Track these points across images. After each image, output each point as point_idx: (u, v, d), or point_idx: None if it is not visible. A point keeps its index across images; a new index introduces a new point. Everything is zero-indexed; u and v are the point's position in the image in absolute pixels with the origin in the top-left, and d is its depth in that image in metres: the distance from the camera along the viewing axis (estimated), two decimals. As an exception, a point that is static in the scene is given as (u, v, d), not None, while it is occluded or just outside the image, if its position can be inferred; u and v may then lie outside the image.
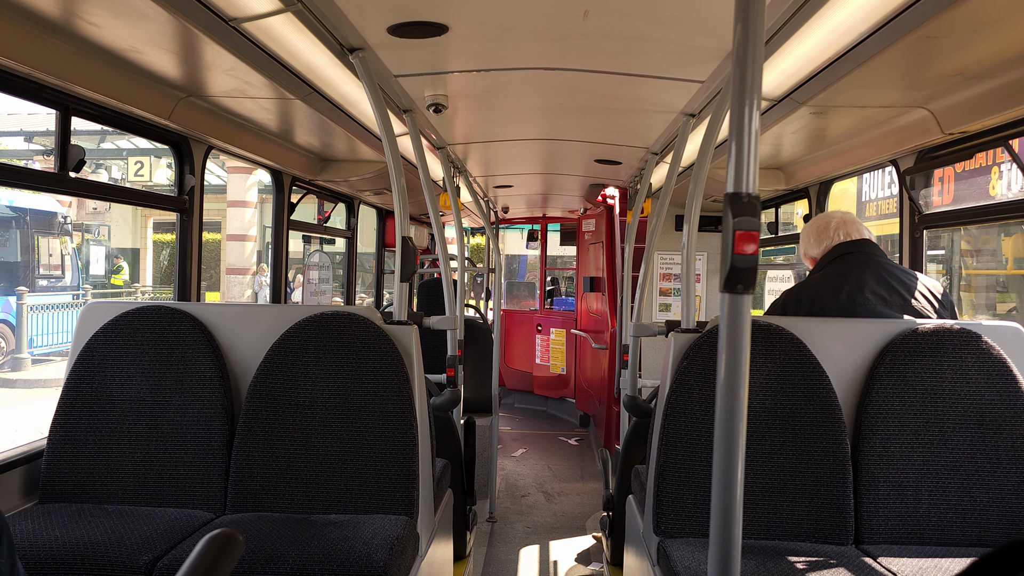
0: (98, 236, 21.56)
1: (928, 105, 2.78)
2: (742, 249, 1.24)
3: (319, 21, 2.26)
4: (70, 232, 16.53)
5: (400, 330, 2.66)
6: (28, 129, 20.11)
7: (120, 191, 5.15)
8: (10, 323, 14.04)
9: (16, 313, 13.89)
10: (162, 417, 2.57)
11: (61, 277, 15.90)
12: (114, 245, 23.50)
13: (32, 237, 14.78)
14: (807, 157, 4.01)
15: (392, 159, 2.75)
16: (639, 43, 2.48)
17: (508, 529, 5.33)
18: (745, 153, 1.26)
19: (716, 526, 1.32)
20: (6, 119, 21.83)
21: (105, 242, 21.79)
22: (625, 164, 4.95)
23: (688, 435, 2.42)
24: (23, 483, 2.52)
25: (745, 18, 1.28)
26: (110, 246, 22.28)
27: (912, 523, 2.35)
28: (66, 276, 16.06)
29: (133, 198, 3.42)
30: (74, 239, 17.12)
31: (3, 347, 13.96)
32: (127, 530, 2.21)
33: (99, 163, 21.22)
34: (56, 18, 2.12)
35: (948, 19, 1.90)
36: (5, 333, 14.04)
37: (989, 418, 2.36)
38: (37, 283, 14.92)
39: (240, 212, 21.04)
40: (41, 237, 15.10)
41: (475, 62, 2.76)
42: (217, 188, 22.26)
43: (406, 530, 2.36)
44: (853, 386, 2.49)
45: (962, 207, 3.38)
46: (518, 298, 11.10)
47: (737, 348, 1.28)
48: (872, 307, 2.65)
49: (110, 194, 3.17)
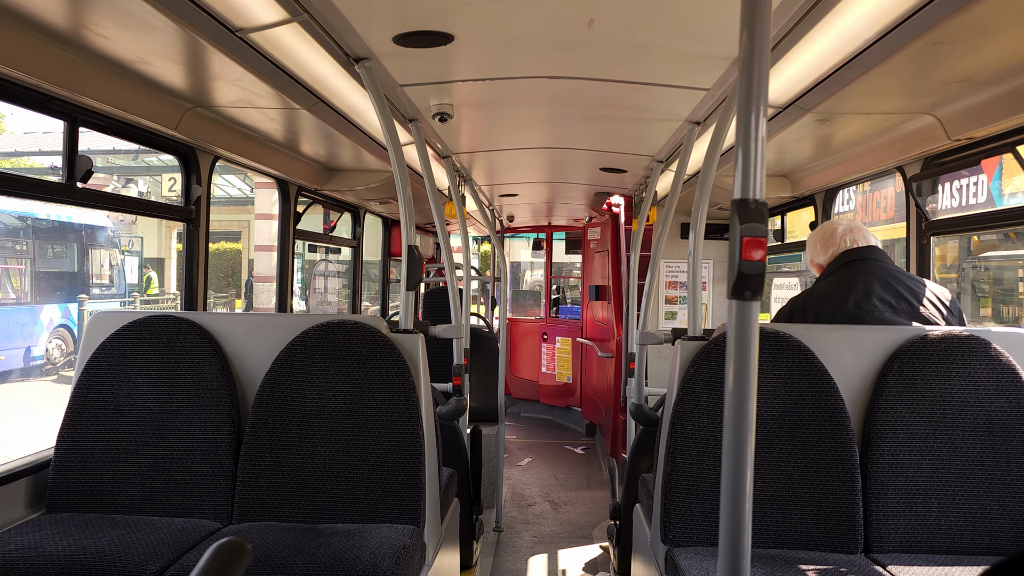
0: (132, 247, 22.27)
1: (934, 111, 2.78)
2: (750, 255, 1.23)
3: (325, 31, 2.26)
4: (118, 244, 18.23)
5: (406, 339, 2.66)
6: (47, 148, 20.88)
7: (128, 201, 5.16)
8: (70, 327, 15.56)
9: (76, 318, 15.47)
10: (169, 426, 2.57)
11: (110, 286, 17.72)
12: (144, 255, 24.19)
13: (87, 250, 16.51)
14: (813, 164, 4.00)
15: (398, 168, 2.76)
16: (644, 51, 2.48)
17: (515, 538, 5.31)
18: (752, 160, 1.26)
19: (725, 535, 1.32)
20: (23, 138, 22.28)
21: (138, 253, 22.58)
22: (630, 172, 4.95)
23: (695, 443, 2.41)
24: (30, 493, 2.52)
25: (751, 25, 1.28)
26: (143, 256, 23.05)
27: (922, 531, 2.34)
28: (114, 285, 17.90)
29: (141, 208, 3.44)
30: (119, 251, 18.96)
31: (64, 348, 15.46)
32: (134, 540, 2.21)
33: (129, 179, 21.99)
34: (64, 30, 2.13)
35: (954, 25, 1.90)
36: (66, 336, 15.54)
37: (999, 425, 2.34)
38: (91, 291, 16.53)
39: (267, 224, 21.77)
40: (93, 249, 16.81)
41: (480, 71, 2.77)
42: (239, 200, 23.22)
43: (413, 539, 2.36)
44: (861, 393, 2.48)
45: (969, 214, 3.36)
46: (524, 307, 11.10)
47: (745, 355, 1.28)
48: (880, 314, 2.64)
49: (118, 204, 3.18)
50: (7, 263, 14.40)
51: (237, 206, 23.92)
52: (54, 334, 15.12)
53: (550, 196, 6.78)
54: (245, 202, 23.86)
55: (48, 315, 15.15)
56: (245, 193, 23.35)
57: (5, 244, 14.36)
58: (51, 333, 15.08)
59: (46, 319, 15.06)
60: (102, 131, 2.76)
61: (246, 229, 24.02)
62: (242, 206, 23.73)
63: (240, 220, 24.06)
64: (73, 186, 2.61)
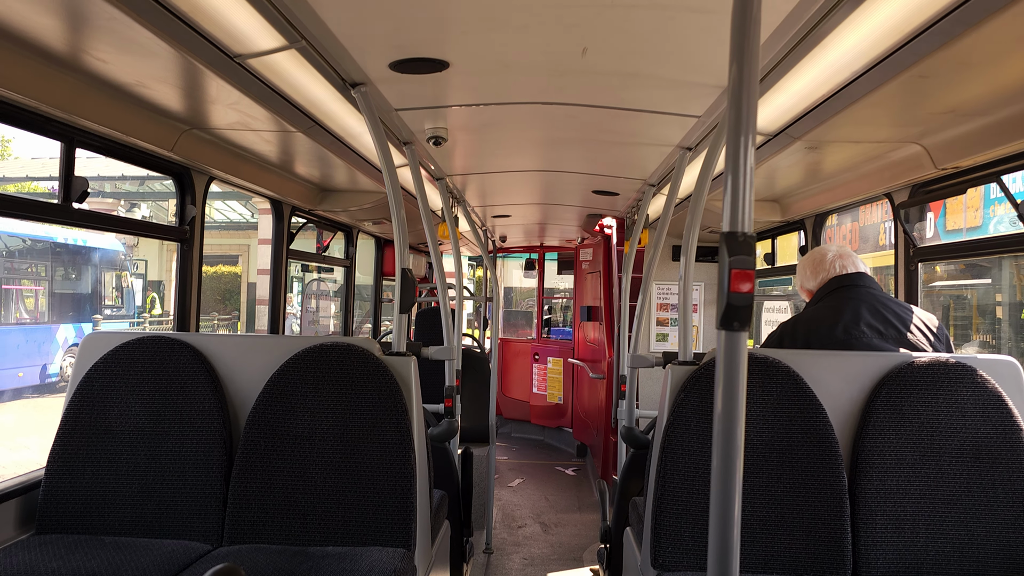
0: (136, 270, 22.69)
1: (921, 141, 2.82)
2: (738, 288, 1.25)
3: (322, 57, 2.29)
4: (128, 268, 19.08)
5: (399, 361, 2.67)
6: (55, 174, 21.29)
7: (123, 221, 5.18)
8: (85, 346, 16.67)
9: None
10: (160, 448, 2.57)
11: (120, 307, 18.68)
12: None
13: (100, 273, 17.44)
14: (803, 190, 4.05)
15: (392, 190, 2.78)
16: (636, 79, 2.52)
17: (505, 561, 5.29)
18: (740, 191, 1.28)
19: (714, 560, 1.33)
20: (30, 162, 22.51)
21: (142, 275, 23.02)
22: (622, 195, 4.99)
23: (686, 468, 2.42)
24: (20, 513, 2.51)
25: (740, 56, 1.31)
26: (146, 279, 23.52)
27: (910, 557, 2.35)
28: (124, 306, 18.86)
29: (135, 228, 3.45)
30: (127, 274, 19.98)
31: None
32: (124, 562, 2.20)
33: (134, 204, 22.66)
34: (63, 53, 2.16)
35: (939, 59, 1.94)
36: (79, 355, 16.79)
37: (985, 452, 2.36)
38: (104, 311, 17.54)
39: (269, 249, 22.04)
40: (105, 272, 17.79)
41: (475, 96, 2.80)
42: (241, 224, 24.14)
43: (403, 563, 2.35)
44: (849, 419, 2.49)
45: (956, 241, 3.41)
46: (515, 327, 11.10)
47: (734, 383, 1.30)
48: (868, 340, 2.66)
49: (113, 225, 3.19)
50: (27, 285, 15.54)
51: (238, 231, 24.75)
52: (68, 352, 15.82)
53: (542, 217, 6.82)
54: (246, 227, 24.32)
55: (63, 334, 15.91)
56: (246, 218, 24.17)
57: (25, 267, 15.44)
58: (65, 351, 15.84)
59: (61, 338, 15.88)
60: (98, 152, 2.78)
61: (246, 253, 24.82)
62: (243, 231, 24.55)
63: (240, 244, 24.87)
64: (69, 207, 2.62)
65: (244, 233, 24.73)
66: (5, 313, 14.86)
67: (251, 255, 24.12)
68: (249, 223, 24.25)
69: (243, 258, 25.13)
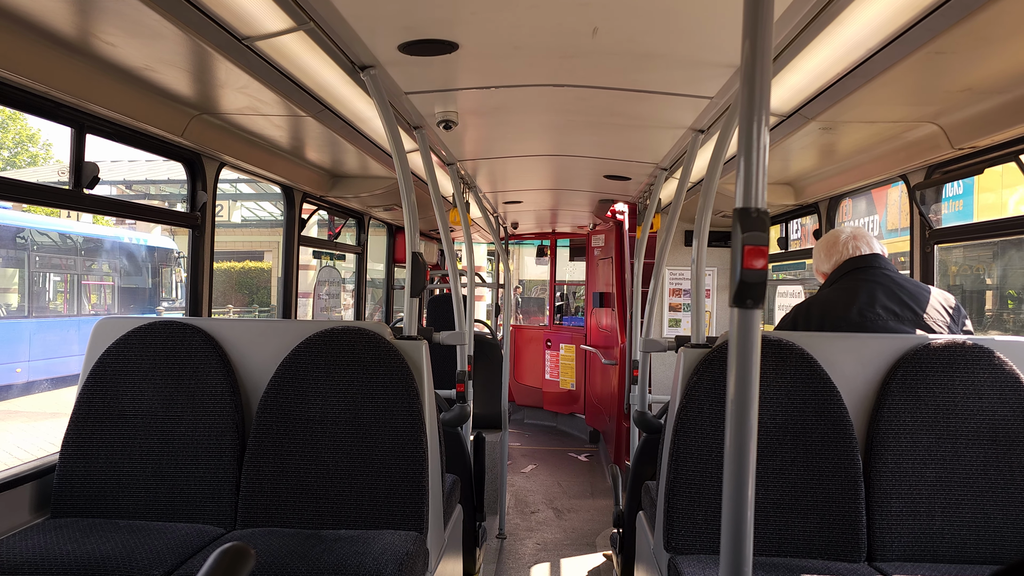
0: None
1: (938, 120, 2.78)
2: (751, 264, 1.24)
3: (331, 40, 2.28)
4: (181, 263, 20.46)
5: (410, 345, 2.66)
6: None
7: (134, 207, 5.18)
8: (147, 335, 18.48)
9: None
10: (173, 432, 2.58)
11: (175, 299, 20.34)
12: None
13: (159, 269, 19.34)
14: (817, 172, 4.01)
15: (403, 175, 2.77)
16: (648, 60, 2.49)
17: (518, 546, 5.31)
18: (754, 168, 1.27)
19: (727, 543, 1.32)
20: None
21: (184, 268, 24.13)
22: (634, 180, 4.96)
23: (699, 451, 2.41)
24: (35, 497, 2.53)
25: (753, 35, 1.29)
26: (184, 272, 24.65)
27: (925, 540, 2.33)
28: (178, 298, 20.45)
29: (147, 214, 3.45)
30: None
31: None
32: (138, 545, 2.22)
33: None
34: (72, 37, 2.15)
35: (956, 35, 1.91)
36: (144, 343, 18.63)
37: (1002, 434, 2.34)
38: (161, 303, 19.32)
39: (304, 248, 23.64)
40: (162, 268, 19.57)
41: (485, 79, 2.78)
42: (270, 222, 25.73)
43: (416, 546, 2.36)
44: (864, 402, 2.47)
45: (972, 223, 3.37)
46: (528, 313, 11.09)
47: (747, 363, 1.28)
48: (883, 322, 2.64)
49: (124, 210, 3.20)
50: (98, 280, 17.37)
51: (269, 227, 26.27)
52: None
53: (554, 203, 6.79)
54: (275, 224, 25.76)
55: (131, 324, 17.86)
56: (275, 216, 25.61)
57: (97, 265, 17.10)
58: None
59: (128, 328, 17.81)
60: (109, 138, 2.78)
61: (275, 249, 26.28)
62: (273, 228, 26.09)
63: (271, 241, 26.38)
64: (80, 192, 2.63)
65: (276, 231, 25.86)
66: (79, 305, 16.29)
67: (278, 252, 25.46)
68: (278, 220, 25.17)
69: (273, 254, 26.81)
